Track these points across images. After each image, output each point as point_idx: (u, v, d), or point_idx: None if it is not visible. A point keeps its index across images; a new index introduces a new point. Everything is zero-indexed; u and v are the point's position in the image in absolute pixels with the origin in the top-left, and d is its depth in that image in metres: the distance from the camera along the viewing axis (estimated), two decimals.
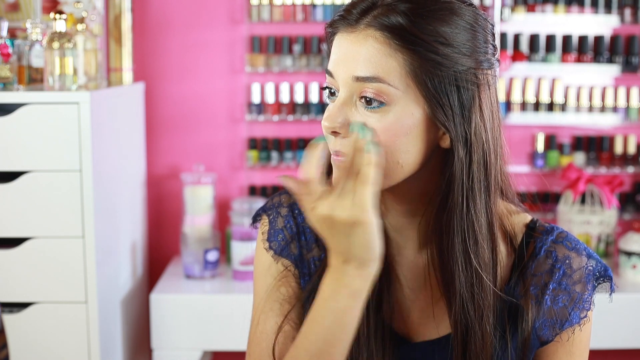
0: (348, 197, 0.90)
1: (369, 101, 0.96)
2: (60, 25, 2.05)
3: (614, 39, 2.70)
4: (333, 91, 1.01)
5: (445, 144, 0.99)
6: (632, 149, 2.74)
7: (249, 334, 1.13)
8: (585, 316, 1.05)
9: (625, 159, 2.74)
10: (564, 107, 2.73)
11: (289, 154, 2.72)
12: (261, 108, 2.72)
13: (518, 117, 2.72)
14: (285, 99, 2.71)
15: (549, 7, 2.67)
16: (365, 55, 0.96)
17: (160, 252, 2.80)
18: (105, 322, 2.17)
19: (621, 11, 2.67)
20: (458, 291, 1.00)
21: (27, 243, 2.06)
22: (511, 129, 2.73)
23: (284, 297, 1.11)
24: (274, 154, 2.72)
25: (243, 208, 2.53)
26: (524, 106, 2.73)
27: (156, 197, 2.78)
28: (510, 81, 2.73)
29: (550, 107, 2.73)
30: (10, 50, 2.01)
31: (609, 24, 2.69)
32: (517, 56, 2.70)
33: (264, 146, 2.73)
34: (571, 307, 1.05)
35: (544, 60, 2.70)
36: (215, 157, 2.77)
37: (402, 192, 1.02)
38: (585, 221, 2.59)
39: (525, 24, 2.70)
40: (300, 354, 0.97)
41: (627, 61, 2.70)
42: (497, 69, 1.03)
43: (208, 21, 2.72)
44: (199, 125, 2.76)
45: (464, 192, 0.99)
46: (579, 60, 2.70)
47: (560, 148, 2.77)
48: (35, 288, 2.07)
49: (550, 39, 2.69)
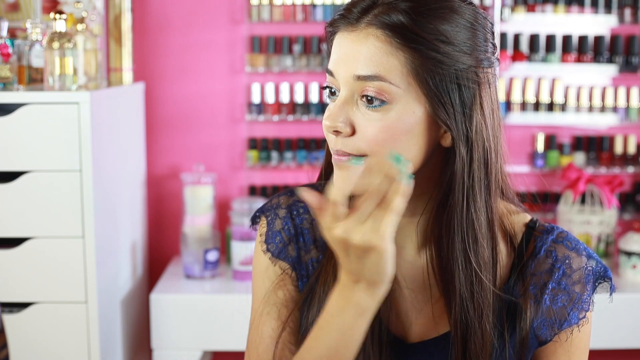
0: (367, 222, 0.88)
1: (370, 100, 0.96)
2: (60, 25, 2.05)
3: (613, 39, 2.70)
4: (334, 90, 1.00)
5: (446, 142, 0.99)
6: (632, 149, 2.74)
7: (247, 337, 1.13)
8: (584, 317, 1.05)
9: (625, 159, 2.74)
10: (564, 107, 2.73)
11: (289, 154, 2.72)
12: (261, 108, 2.72)
13: (518, 117, 2.72)
14: (285, 99, 2.71)
15: (549, 7, 2.67)
16: (366, 54, 0.96)
17: (160, 252, 2.80)
18: (105, 322, 2.17)
19: (621, 11, 2.67)
20: (458, 290, 1.00)
21: (27, 243, 2.06)
22: (511, 129, 2.73)
23: (281, 301, 1.11)
24: (274, 154, 2.72)
25: (243, 208, 2.53)
26: (524, 106, 2.73)
27: (156, 197, 2.78)
28: (510, 81, 2.73)
29: (550, 107, 2.73)
30: (10, 50, 2.01)
31: (609, 24, 2.69)
32: (517, 56, 2.70)
33: (264, 146, 2.73)
34: (570, 308, 1.04)
35: (544, 60, 2.70)
36: (215, 157, 2.76)
37: None
38: (585, 221, 2.59)
39: (525, 24, 2.70)
40: None
41: (626, 61, 2.70)
42: (497, 68, 1.03)
43: (208, 21, 2.72)
44: (199, 125, 2.76)
45: (464, 191, 0.98)
46: (578, 60, 2.70)
47: (560, 148, 2.77)
48: (35, 288, 2.07)
49: (550, 39, 2.69)
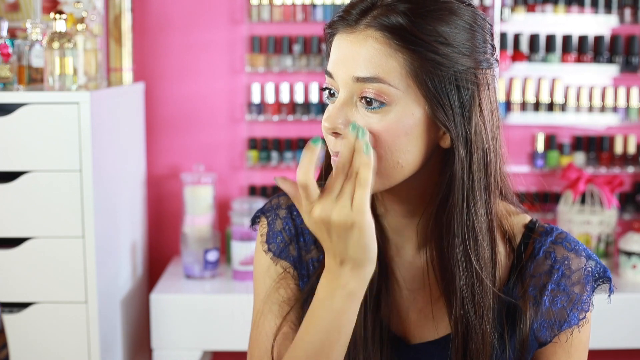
0: (345, 199, 0.90)
1: (369, 102, 0.96)
2: (60, 25, 2.05)
3: (613, 39, 2.70)
4: (333, 92, 1.01)
5: (445, 143, 0.99)
6: (632, 149, 2.74)
7: (249, 336, 1.13)
8: (584, 317, 1.05)
9: (625, 159, 2.74)
10: (564, 107, 2.73)
11: (289, 154, 2.72)
12: (261, 108, 2.72)
13: (518, 117, 2.72)
14: (285, 99, 2.71)
15: (549, 7, 2.67)
16: (365, 55, 0.96)
17: (160, 252, 2.80)
18: (105, 322, 2.17)
19: (621, 11, 2.67)
20: (458, 291, 1.00)
21: (27, 243, 2.06)
22: (511, 129, 2.73)
23: (283, 299, 1.11)
24: (274, 154, 2.72)
25: (243, 208, 2.53)
26: (524, 106, 2.73)
27: (156, 197, 2.78)
28: (510, 81, 2.73)
29: (550, 107, 2.73)
30: (10, 50, 2.01)
31: (609, 24, 2.69)
32: (517, 56, 2.70)
33: (264, 146, 2.73)
34: (570, 308, 1.04)
35: (544, 60, 2.70)
36: (215, 157, 2.77)
37: (402, 192, 1.02)
38: (585, 221, 2.59)
39: (525, 24, 2.70)
40: (298, 354, 0.97)
41: (627, 61, 2.70)
42: (496, 69, 1.03)
43: (208, 21, 2.72)
44: (199, 125, 2.76)
45: (464, 192, 0.98)
46: (578, 60, 2.70)
47: (560, 148, 2.77)
48: (35, 288, 2.07)
49: (550, 39, 2.69)
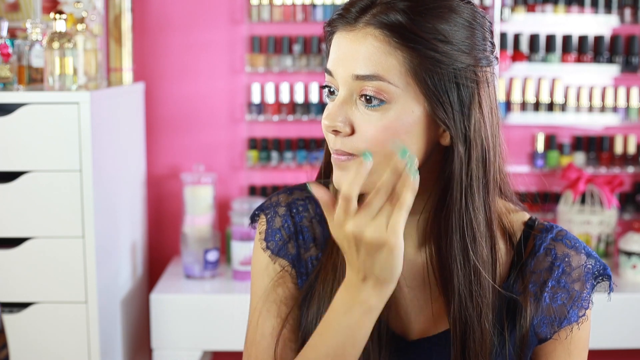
0: (378, 218, 0.89)
1: (369, 99, 0.96)
2: (60, 25, 2.05)
3: (613, 39, 2.70)
4: (332, 90, 1.01)
5: (445, 141, 0.99)
6: (632, 149, 2.74)
7: (246, 334, 1.13)
8: (584, 315, 1.05)
9: (625, 159, 2.74)
10: (564, 107, 2.73)
11: (289, 154, 2.72)
12: (261, 108, 2.72)
13: (518, 117, 2.72)
14: (285, 99, 2.71)
15: (549, 7, 2.67)
16: (365, 53, 0.96)
17: (160, 252, 2.80)
18: (105, 322, 2.17)
19: (621, 11, 2.67)
20: (457, 289, 1.00)
21: (27, 243, 2.06)
22: (511, 129, 2.73)
23: (281, 299, 1.11)
24: (274, 154, 2.72)
25: (243, 208, 2.53)
26: (524, 106, 2.73)
27: (156, 197, 2.78)
28: (510, 81, 2.73)
29: (550, 107, 2.73)
30: (10, 50, 2.01)
31: (609, 24, 2.69)
32: (517, 56, 2.70)
33: (264, 146, 2.73)
34: (570, 305, 1.05)
35: (544, 60, 2.70)
36: (215, 157, 2.77)
37: None
38: (585, 221, 2.59)
39: (525, 24, 2.70)
40: None
41: (627, 61, 2.70)
42: (496, 67, 1.03)
43: (208, 21, 2.72)
44: (199, 125, 2.76)
45: (463, 190, 0.99)
46: (579, 60, 2.70)
47: (560, 148, 2.77)
48: (35, 288, 2.07)
49: (550, 39, 2.69)
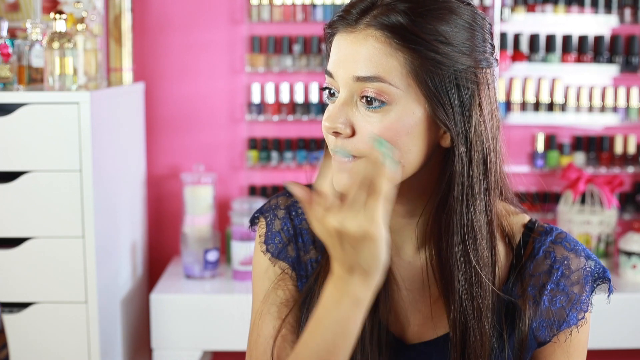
0: (360, 210, 0.88)
1: (369, 101, 0.96)
2: (60, 25, 2.05)
3: (613, 39, 2.70)
4: (333, 92, 1.01)
5: (445, 143, 0.99)
6: (632, 149, 2.74)
7: (248, 337, 1.13)
8: (583, 317, 1.05)
9: (625, 159, 2.74)
10: (564, 107, 2.72)
11: (289, 154, 2.72)
12: (261, 108, 2.72)
13: (518, 117, 2.72)
14: (285, 99, 2.71)
15: (549, 7, 2.67)
16: (366, 55, 0.96)
17: (160, 252, 2.80)
18: (105, 322, 2.17)
19: (621, 11, 2.67)
20: (457, 291, 1.00)
21: (27, 243, 2.06)
22: (511, 129, 2.73)
23: (282, 301, 1.11)
24: (274, 154, 2.72)
25: (243, 208, 2.53)
26: (524, 106, 2.73)
27: (156, 197, 2.78)
28: (510, 81, 2.73)
29: (550, 107, 2.73)
30: (10, 50, 2.01)
31: (609, 24, 2.69)
32: (517, 56, 2.70)
33: (264, 146, 2.73)
34: (569, 308, 1.05)
35: (544, 60, 2.70)
36: (215, 157, 2.77)
37: (402, 192, 1.01)
38: (585, 221, 2.58)
39: (525, 24, 2.70)
40: (302, 359, 0.96)
41: (626, 61, 2.70)
42: (496, 68, 1.03)
43: (208, 21, 2.72)
44: (199, 125, 2.76)
45: (463, 191, 0.99)
46: (578, 60, 2.70)
47: (560, 148, 2.77)
48: (35, 288, 2.07)
49: (550, 39, 2.69)
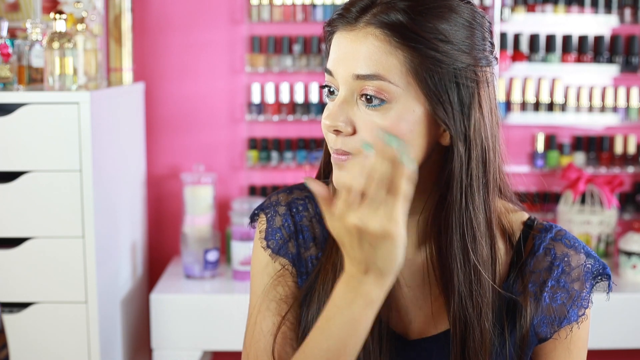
0: (380, 209, 0.86)
1: (369, 99, 0.96)
2: (60, 25, 2.05)
3: (613, 39, 2.70)
4: (332, 90, 1.01)
5: (445, 141, 0.99)
6: (632, 149, 2.74)
7: (245, 332, 1.12)
8: (584, 314, 1.06)
9: (625, 159, 2.74)
10: (564, 107, 2.73)
11: (289, 154, 2.72)
12: (261, 108, 2.72)
13: (518, 117, 2.72)
14: (285, 99, 2.71)
15: (549, 7, 2.67)
16: (366, 53, 0.96)
17: (160, 252, 2.80)
18: (105, 322, 2.17)
19: (621, 11, 2.67)
20: (457, 288, 1.01)
21: (27, 243, 2.06)
22: (511, 129, 2.73)
23: (281, 297, 1.10)
24: (274, 154, 2.72)
25: (243, 208, 2.53)
26: (524, 106, 2.73)
27: (156, 197, 2.78)
28: (510, 81, 2.73)
29: (550, 107, 2.73)
30: (10, 50, 2.01)
31: (609, 24, 2.69)
32: (517, 56, 2.70)
33: (264, 146, 2.73)
34: (569, 305, 1.05)
35: (544, 60, 2.70)
36: (215, 157, 2.77)
37: None
38: (585, 221, 2.59)
39: (525, 24, 2.70)
40: (311, 358, 0.95)
41: (627, 61, 2.70)
42: (496, 67, 1.03)
43: (208, 21, 2.72)
44: (199, 125, 2.76)
45: (462, 189, 0.99)
46: (579, 60, 2.70)
47: (560, 148, 2.77)
48: (35, 288, 2.07)
49: (550, 39, 2.69)
